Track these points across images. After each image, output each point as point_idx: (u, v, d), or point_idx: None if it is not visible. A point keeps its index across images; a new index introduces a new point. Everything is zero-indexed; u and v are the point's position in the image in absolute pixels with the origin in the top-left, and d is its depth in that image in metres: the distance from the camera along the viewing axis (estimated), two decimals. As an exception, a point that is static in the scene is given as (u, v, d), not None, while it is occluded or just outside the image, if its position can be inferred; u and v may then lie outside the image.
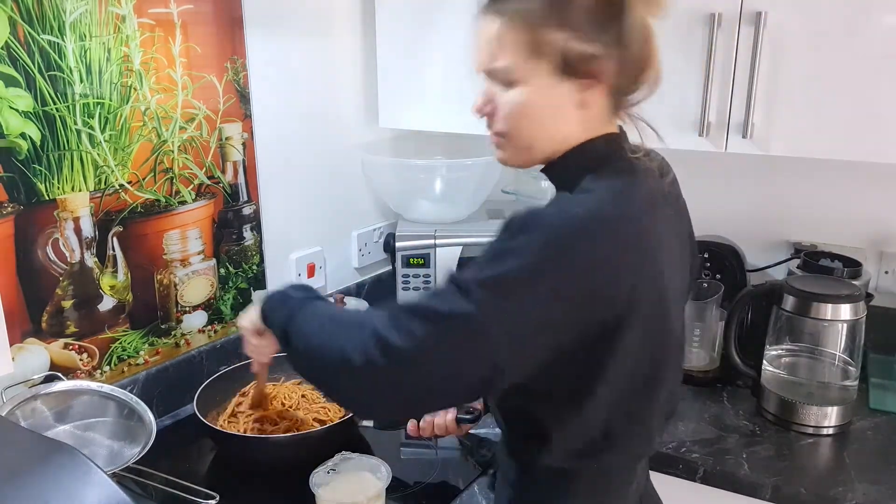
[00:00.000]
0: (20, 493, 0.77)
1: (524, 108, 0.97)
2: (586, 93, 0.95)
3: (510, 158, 1.04)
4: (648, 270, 0.92)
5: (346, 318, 0.96)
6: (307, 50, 1.81)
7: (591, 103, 0.96)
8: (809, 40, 1.40)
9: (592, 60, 0.93)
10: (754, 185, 1.88)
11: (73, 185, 1.37)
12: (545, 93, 0.96)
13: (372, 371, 0.86)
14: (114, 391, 1.35)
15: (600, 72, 0.93)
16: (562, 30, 0.92)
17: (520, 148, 1.02)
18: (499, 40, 0.95)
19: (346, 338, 0.89)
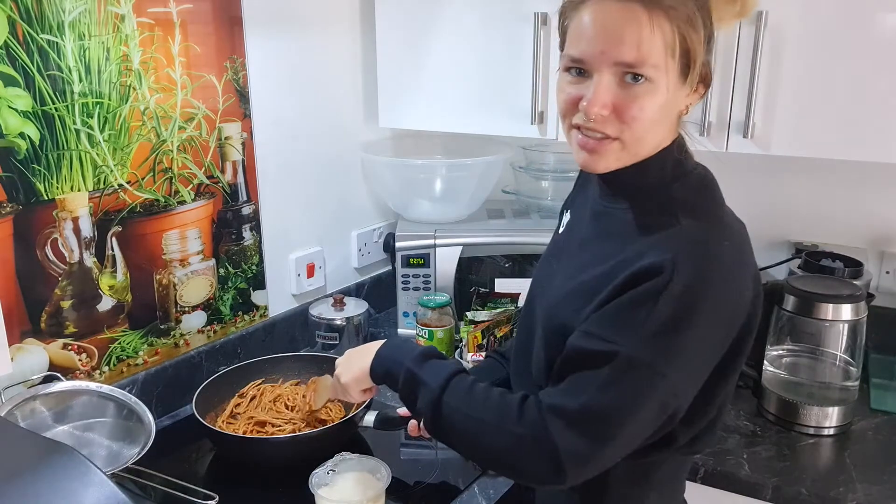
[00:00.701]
0: (19, 493, 0.76)
1: (652, 106, 0.93)
2: (692, 97, 0.97)
3: (609, 162, 0.98)
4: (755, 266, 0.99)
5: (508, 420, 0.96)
6: (307, 49, 1.81)
7: (688, 110, 0.99)
8: (810, 40, 1.40)
9: (708, 67, 0.95)
10: (755, 185, 1.87)
11: (72, 185, 1.36)
12: (670, 93, 0.93)
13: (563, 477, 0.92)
14: (113, 391, 1.35)
15: (709, 80, 0.96)
16: (699, 34, 0.91)
17: (626, 152, 0.97)
18: (649, 33, 0.89)
19: (526, 455, 0.94)
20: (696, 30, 0.91)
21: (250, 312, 1.77)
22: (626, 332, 0.89)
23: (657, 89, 0.92)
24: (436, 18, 1.78)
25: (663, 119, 0.95)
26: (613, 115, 0.93)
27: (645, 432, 0.94)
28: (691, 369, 0.92)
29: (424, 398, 1.02)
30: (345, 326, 1.81)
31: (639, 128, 0.93)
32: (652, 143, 0.97)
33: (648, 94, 0.92)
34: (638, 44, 0.89)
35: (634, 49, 0.89)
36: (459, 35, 1.76)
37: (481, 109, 1.76)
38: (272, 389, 1.57)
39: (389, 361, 1.10)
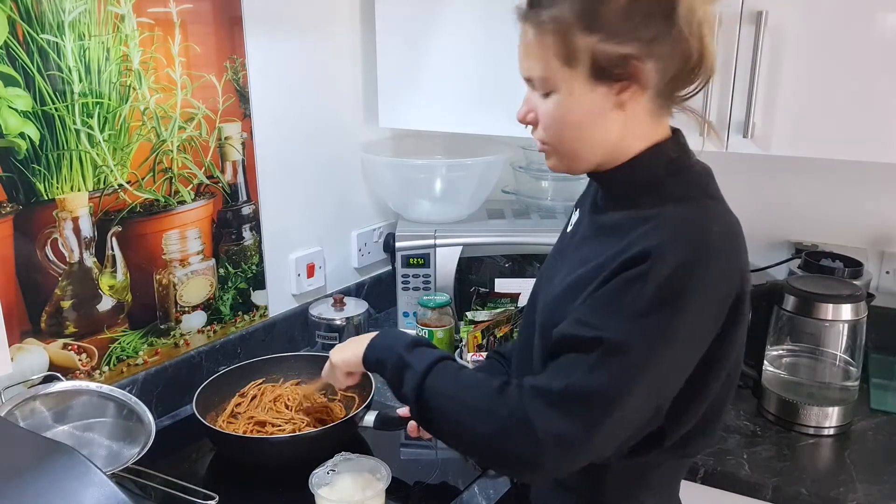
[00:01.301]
0: (19, 493, 0.76)
1: (562, 116, 0.97)
2: (623, 95, 0.94)
3: (557, 165, 1.04)
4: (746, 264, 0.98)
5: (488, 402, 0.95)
6: (307, 49, 1.81)
7: (630, 105, 0.95)
8: (810, 40, 1.40)
9: (627, 62, 0.91)
10: (755, 185, 1.87)
11: (72, 185, 1.36)
12: (581, 99, 0.95)
13: (544, 461, 0.90)
14: (113, 391, 1.35)
15: (637, 73, 0.92)
16: (592, 34, 0.90)
17: (565, 155, 1.01)
18: (534, 48, 0.95)
19: (507, 438, 0.92)
20: (580, 29, 0.90)
21: (250, 312, 1.77)
22: (614, 318, 0.89)
23: (562, 99, 0.95)
24: (436, 18, 1.78)
25: (584, 122, 0.96)
26: (532, 124, 1.01)
27: (634, 422, 0.92)
28: (679, 356, 0.91)
29: (409, 382, 1.03)
30: (345, 326, 1.81)
31: (552, 133, 0.99)
32: (593, 144, 0.98)
33: (555, 104, 0.96)
34: (524, 58, 0.97)
35: (524, 63, 0.98)
36: (459, 35, 1.76)
37: (481, 109, 1.76)
38: (272, 389, 1.57)
39: (381, 349, 1.12)
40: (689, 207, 0.95)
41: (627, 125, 0.96)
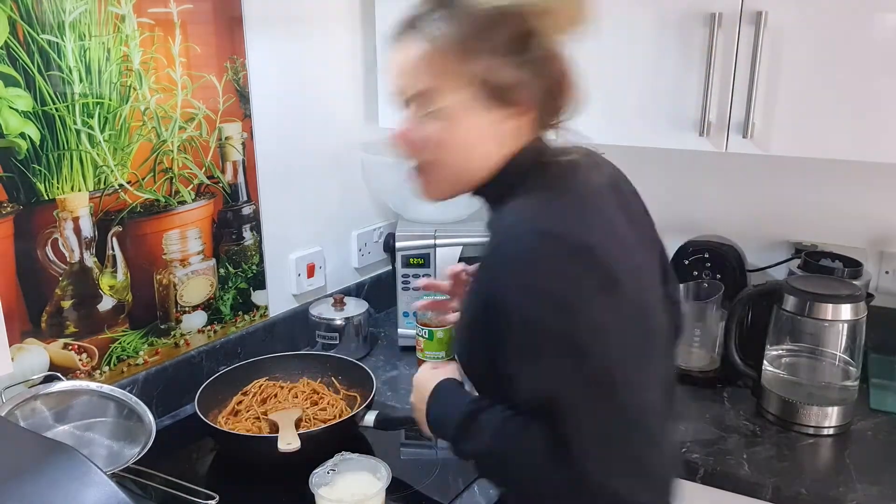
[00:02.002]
0: (20, 493, 0.77)
1: (448, 138, 0.94)
2: (511, 121, 0.93)
3: (432, 192, 1.01)
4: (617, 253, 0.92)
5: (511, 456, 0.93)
6: (307, 49, 1.81)
7: (514, 130, 0.94)
8: (810, 40, 1.40)
9: (515, 89, 0.90)
10: (755, 185, 1.87)
11: (72, 185, 1.36)
12: (469, 122, 0.93)
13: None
14: (113, 391, 1.35)
15: (524, 100, 0.91)
16: (486, 56, 0.89)
17: (443, 180, 0.99)
18: (421, 65, 0.91)
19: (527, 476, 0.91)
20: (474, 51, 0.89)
21: (250, 312, 1.77)
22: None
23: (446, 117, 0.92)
24: (436, 18, 1.78)
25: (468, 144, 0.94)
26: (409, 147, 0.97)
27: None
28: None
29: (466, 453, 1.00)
30: (345, 326, 1.81)
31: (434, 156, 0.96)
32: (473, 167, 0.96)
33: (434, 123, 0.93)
34: (404, 75, 0.93)
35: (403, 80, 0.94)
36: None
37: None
38: (273, 388, 1.57)
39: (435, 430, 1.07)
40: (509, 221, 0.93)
41: (503, 144, 0.95)
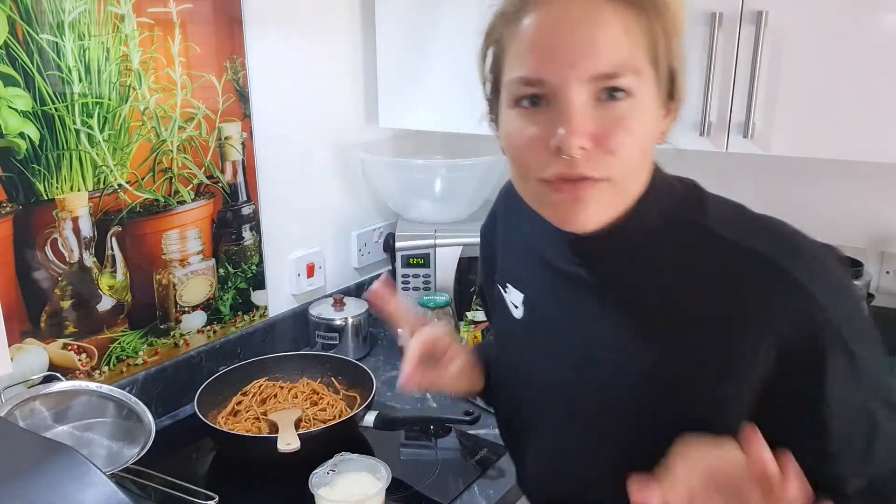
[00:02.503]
0: (19, 493, 0.77)
1: (648, 131, 0.76)
2: (667, 121, 0.80)
3: (601, 212, 0.77)
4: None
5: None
6: (307, 49, 1.81)
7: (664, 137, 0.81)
8: (811, 40, 1.40)
9: (683, 81, 0.78)
10: (755, 185, 1.87)
11: (71, 185, 1.36)
12: (655, 117, 0.77)
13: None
14: (113, 391, 1.35)
15: (680, 98, 0.79)
16: (679, 38, 0.75)
17: (619, 196, 0.77)
18: (626, 31, 0.72)
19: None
20: (677, 33, 0.75)
21: (250, 312, 1.77)
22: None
23: (641, 105, 0.74)
24: (436, 18, 1.78)
25: (651, 146, 0.78)
26: (595, 146, 0.72)
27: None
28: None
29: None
30: (345, 326, 1.81)
31: (630, 157, 0.74)
32: (643, 179, 0.79)
33: (635, 113, 0.73)
34: (618, 46, 0.71)
35: (614, 54, 0.71)
36: (459, 35, 1.75)
37: (481, 110, 1.76)
38: (273, 388, 1.57)
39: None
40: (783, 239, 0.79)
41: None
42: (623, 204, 0.78)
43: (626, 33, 0.71)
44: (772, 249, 0.77)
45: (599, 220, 0.77)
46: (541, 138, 0.74)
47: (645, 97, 0.74)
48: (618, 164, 0.73)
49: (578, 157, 0.71)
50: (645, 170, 0.79)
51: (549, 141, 0.73)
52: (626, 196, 0.78)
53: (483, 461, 1.42)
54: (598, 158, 0.72)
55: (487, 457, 1.43)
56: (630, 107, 0.73)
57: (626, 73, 0.71)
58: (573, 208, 0.75)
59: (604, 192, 0.75)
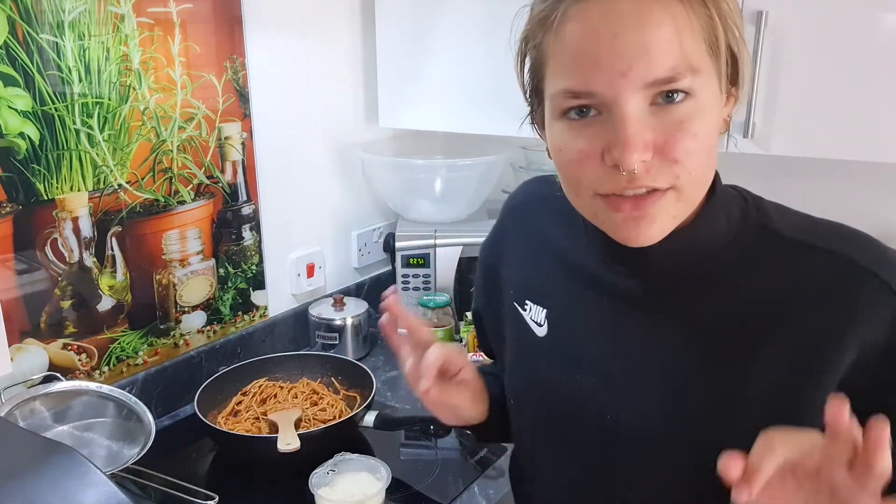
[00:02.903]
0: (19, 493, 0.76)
1: (712, 131, 0.70)
2: (728, 106, 0.75)
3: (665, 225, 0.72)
4: None
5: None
6: (307, 49, 1.80)
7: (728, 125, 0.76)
8: (811, 40, 1.40)
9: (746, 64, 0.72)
10: (755, 185, 1.86)
11: (71, 185, 1.36)
12: (718, 111, 0.71)
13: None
14: (113, 391, 1.35)
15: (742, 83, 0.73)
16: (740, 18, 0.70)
17: (683, 202, 0.71)
18: (685, 26, 0.66)
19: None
20: (737, 13, 0.69)
21: (250, 312, 1.77)
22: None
23: (702, 104, 0.68)
24: (436, 18, 1.78)
25: (716, 144, 0.71)
26: (658, 156, 0.67)
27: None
28: None
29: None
30: (344, 326, 1.81)
31: (697, 163, 0.68)
32: (709, 181, 0.74)
33: (697, 114, 0.67)
34: (672, 47, 0.65)
35: (669, 56, 0.65)
36: (459, 35, 1.75)
37: (481, 109, 1.76)
38: (273, 388, 1.57)
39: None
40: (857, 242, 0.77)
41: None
42: (688, 212, 0.73)
43: (680, 30, 0.65)
44: (852, 251, 0.75)
45: (662, 233, 0.72)
46: (594, 152, 0.69)
47: (706, 94, 0.68)
48: (684, 172, 0.68)
49: (638, 172, 0.66)
50: (711, 171, 0.74)
51: (603, 155, 0.68)
52: (692, 203, 0.73)
53: (483, 461, 1.42)
54: (662, 168, 0.67)
55: (487, 457, 1.43)
56: (691, 108, 0.67)
57: (684, 74, 0.66)
58: (636, 226, 0.70)
59: (669, 203, 0.70)
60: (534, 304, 0.90)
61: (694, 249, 0.77)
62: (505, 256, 0.98)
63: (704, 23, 0.67)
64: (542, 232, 0.92)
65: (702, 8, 0.66)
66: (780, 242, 0.77)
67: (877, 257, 0.75)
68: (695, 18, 0.66)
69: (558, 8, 0.69)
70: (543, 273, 0.91)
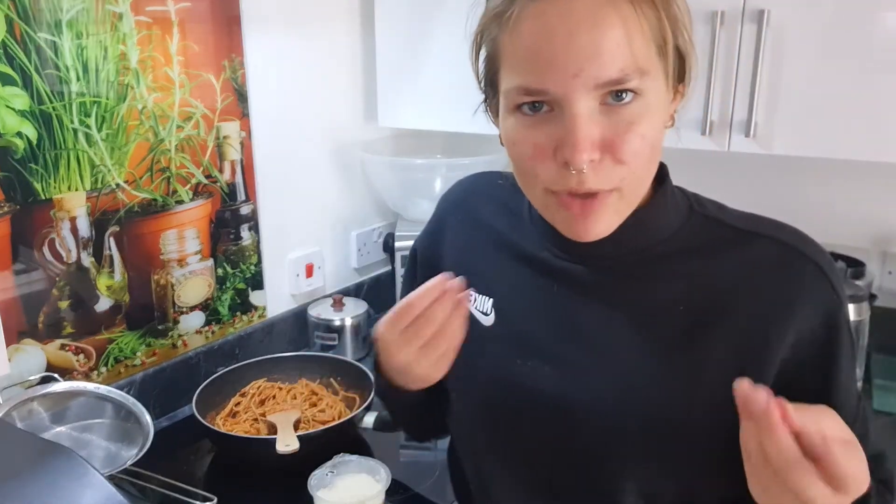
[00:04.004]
0: (17, 495, 0.76)
1: (658, 131, 0.73)
2: (675, 102, 0.78)
3: (610, 222, 0.76)
4: None
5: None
6: (306, 48, 1.80)
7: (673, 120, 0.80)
8: (813, 39, 1.39)
9: (692, 61, 0.75)
10: (757, 185, 1.87)
11: (69, 185, 1.36)
12: (664, 109, 0.74)
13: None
14: (111, 392, 1.34)
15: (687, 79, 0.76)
16: (687, 15, 0.73)
17: (625, 201, 0.75)
18: (636, 28, 0.68)
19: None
20: (686, 14, 0.73)
21: (249, 313, 1.76)
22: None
23: (649, 103, 0.71)
24: (435, 17, 1.77)
25: (661, 142, 0.75)
26: (606, 156, 0.70)
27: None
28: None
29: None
30: (344, 327, 1.80)
31: (641, 163, 0.72)
32: (652, 177, 0.78)
33: (644, 114, 0.70)
34: (623, 49, 0.67)
35: (619, 57, 0.67)
36: (459, 34, 1.74)
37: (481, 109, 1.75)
38: (272, 389, 1.56)
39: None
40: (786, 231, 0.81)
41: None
42: (632, 208, 0.77)
43: (630, 32, 0.67)
44: (794, 241, 0.79)
45: (609, 229, 0.76)
46: (546, 148, 0.71)
47: (653, 94, 0.71)
48: (628, 174, 0.72)
49: (587, 171, 0.70)
50: (654, 168, 0.77)
51: (555, 151, 0.71)
52: (635, 201, 0.77)
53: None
54: (608, 169, 0.71)
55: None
56: (638, 108, 0.70)
57: (633, 75, 0.68)
58: (583, 223, 0.74)
59: (613, 202, 0.73)
60: (479, 294, 0.91)
61: (643, 236, 0.81)
62: (445, 251, 0.98)
63: (653, 25, 0.69)
64: (486, 224, 0.94)
65: (651, 11, 0.69)
66: (725, 230, 0.81)
67: (816, 248, 0.79)
68: (644, 21, 0.68)
69: (514, 5, 0.71)
70: (489, 263, 0.92)
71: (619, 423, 0.80)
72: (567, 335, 0.84)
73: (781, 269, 0.77)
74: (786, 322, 0.76)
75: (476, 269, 0.92)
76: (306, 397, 1.54)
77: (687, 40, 0.74)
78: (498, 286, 0.90)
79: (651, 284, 0.81)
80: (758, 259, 0.78)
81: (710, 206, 0.84)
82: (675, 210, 0.82)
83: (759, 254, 0.79)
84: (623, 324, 0.81)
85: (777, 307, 0.77)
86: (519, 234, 0.89)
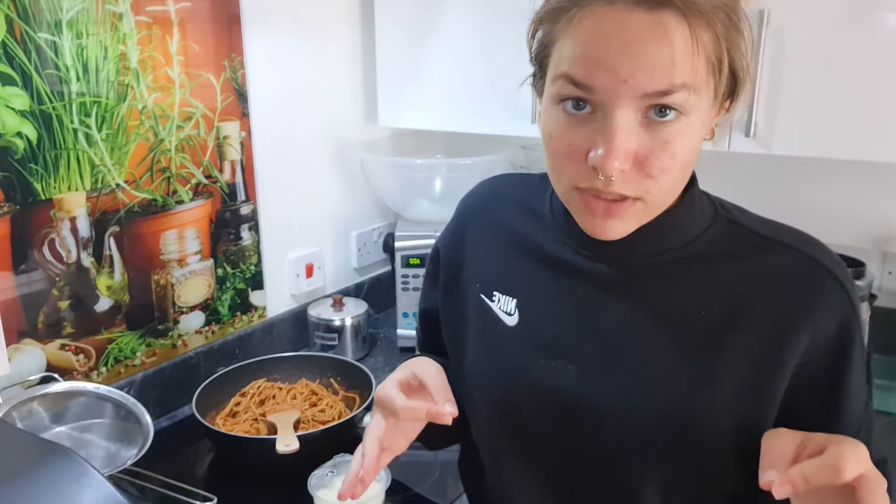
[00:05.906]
0: (17, 495, 0.76)
1: (693, 150, 0.74)
2: (719, 117, 0.79)
3: (628, 226, 0.77)
4: None
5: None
6: (306, 48, 1.80)
7: (713, 133, 0.81)
8: (813, 39, 1.39)
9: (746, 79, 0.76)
10: (757, 185, 1.87)
11: (69, 185, 1.36)
12: (705, 127, 0.76)
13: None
14: (111, 392, 1.34)
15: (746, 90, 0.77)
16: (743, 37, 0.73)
17: (649, 211, 0.77)
18: (690, 48, 0.68)
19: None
20: (741, 32, 0.73)
21: (249, 313, 1.76)
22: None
23: (691, 121, 0.71)
24: (436, 17, 1.77)
25: (694, 160, 0.76)
26: (635, 168, 0.71)
27: None
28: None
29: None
30: (344, 327, 1.80)
31: (669, 179, 0.73)
32: (678, 193, 0.80)
33: (683, 134, 0.71)
34: (675, 64, 0.68)
35: (671, 72, 0.68)
36: (459, 34, 1.75)
37: (481, 109, 1.75)
38: (272, 389, 1.56)
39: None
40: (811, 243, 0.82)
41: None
42: (654, 215, 0.78)
43: (684, 50, 0.68)
44: (814, 252, 0.80)
45: (627, 232, 0.77)
46: (580, 149, 0.72)
47: (697, 112, 0.72)
48: (654, 187, 0.73)
49: (615, 179, 0.71)
50: (684, 182, 0.78)
51: (587, 154, 0.72)
52: (658, 210, 0.78)
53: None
54: (635, 180, 0.72)
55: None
56: (679, 128, 0.71)
57: (681, 90, 0.69)
58: (602, 223, 0.76)
59: (637, 210, 0.75)
60: (503, 294, 0.91)
61: (668, 238, 0.82)
62: (467, 253, 0.98)
63: (707, 45, 0.70)
64: (508, 225, 0.94)
65: (707, 31, 0.69)
66: (749, 237, 0.82)
67: (835, 260, 0.80)
68: (699, 41, 0.69)
69: (576, 7, 0.71)
70: (512, 264, 0.92)
71: (641, 423, 0.81)
72: (590, 335, 0.84)
73: (801, 280, 0.79)
74: (801, 330, 0.78)
75: (499, 270, 0.93)
76: (306, 397, 1.54)
77: (743, 63, 0.74)
78: (521, 287, 0.90)
79: (675, 287, 0.82)
80: (779, 268, 0.80)
81: (735, 211, 0.85)
82: (701, 213, 0.83)
83: (780, 263, 0.80)
84: (646, 325, 0.82)
85: (794, 316, 0.78)
86: (541, 236, 0.90)
